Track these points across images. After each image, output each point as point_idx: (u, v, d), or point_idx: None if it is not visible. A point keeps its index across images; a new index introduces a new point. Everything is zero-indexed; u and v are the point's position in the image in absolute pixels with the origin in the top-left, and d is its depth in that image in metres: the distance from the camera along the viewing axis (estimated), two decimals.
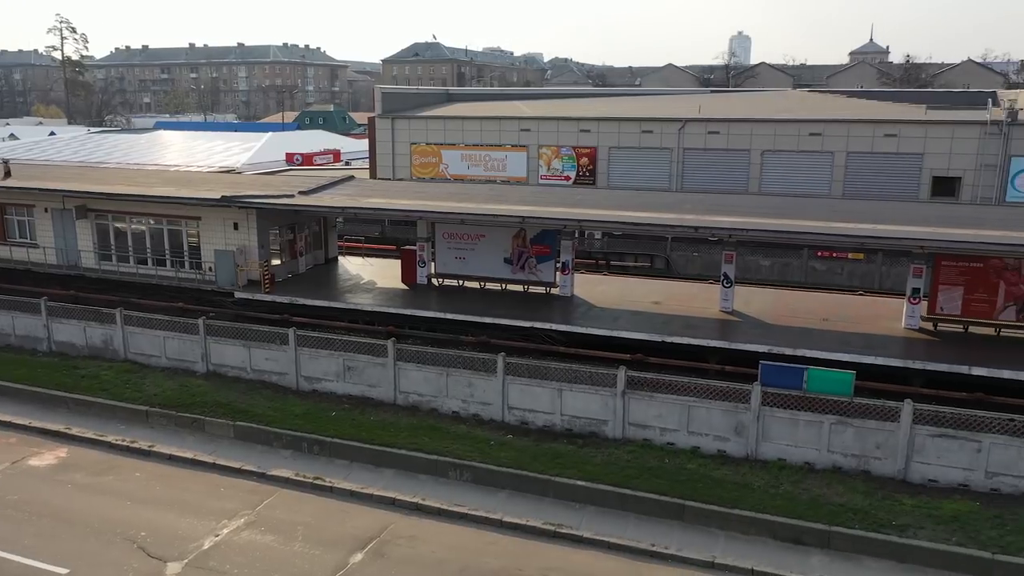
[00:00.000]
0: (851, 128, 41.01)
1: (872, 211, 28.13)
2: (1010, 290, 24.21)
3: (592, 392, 20.30)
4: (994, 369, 21.54)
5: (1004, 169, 38.46)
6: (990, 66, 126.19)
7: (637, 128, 44.60)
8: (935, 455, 17.75)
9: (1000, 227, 24.50)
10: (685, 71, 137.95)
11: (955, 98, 58.32)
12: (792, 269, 36.63)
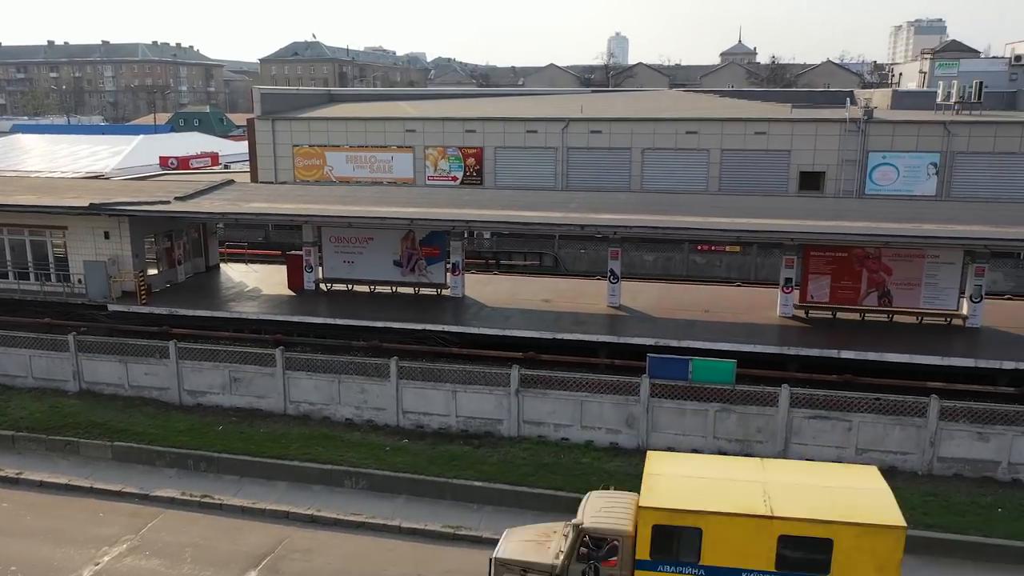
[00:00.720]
0: (724, 127, 42.79)
1: (746, 206, 29.48)
2: (872, 277, 25.91)
3: (486, 392, 20.39)
4: (860, 352, 23.02)
5: (863, 164, 41.07)
6: (847, 67, 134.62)
7: (522, 128, 45.04)
8: (811, 436, 18.81)
9: (861, 218, 26.17)
10: (567, 71, 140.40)
11: (817, 97, 61.89)
12: (675, 263, 37.93)
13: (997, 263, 32.53)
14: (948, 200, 38.69)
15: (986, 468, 18.15)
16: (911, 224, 25.06)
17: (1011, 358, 22.37)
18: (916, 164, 40.43)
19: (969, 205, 32.87)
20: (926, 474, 18.28)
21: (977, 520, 16.39)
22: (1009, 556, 15.44)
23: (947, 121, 41.26)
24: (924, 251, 25.20)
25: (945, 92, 47.01)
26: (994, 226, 24.95)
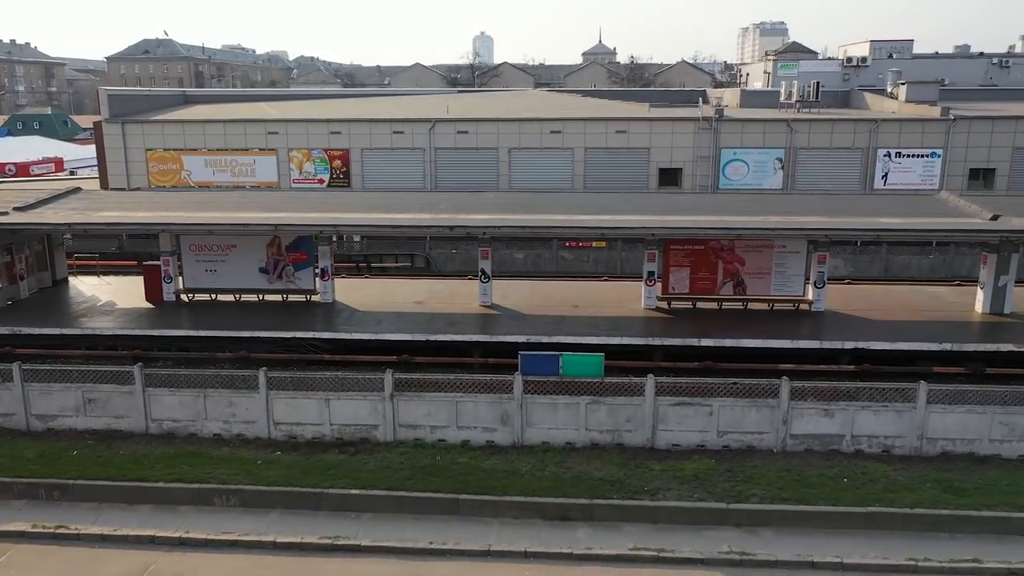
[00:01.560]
0: (587, 126, 44.07)
1: (610, 203, 30.42)
2: (727, 268, 27.40)
3: (360, 398, 20.17)
4: (718, 339, 24.31)
5: (716, 160, 43.34)
6: (700, 67, 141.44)
7: (388, 129, 44.71)
8: (676, 422, 19.71)
9: (715, 212, 27.54)
10: (433, 70, 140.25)
11: (674, 96, 64.71)
12: (544, 260, 38.69)
13: (837, 250, 35.13)
14: (792, 193, 41.51)
15: (832, 442, 19.58)
16: (760, 216, 26.63)
17: (851, 339, 24.21)
18: (764, 159, 43.07)
19: (810, 197, 35.37)
20: (780, 451, 19.53)
21: (826, 491, 17.67)
22: (855, 522, 16.73)
23: (790, 119, 44.15)
24: (772, 242, 26.87)
25: (787, 91, 50.27)
26: (833, 216, 26.89)
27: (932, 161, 42.82)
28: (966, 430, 19.29)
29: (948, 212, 27.10)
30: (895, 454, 19.39)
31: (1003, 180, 42.93)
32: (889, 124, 43.67)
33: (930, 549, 15.96)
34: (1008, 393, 19.32)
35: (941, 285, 31.44)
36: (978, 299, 26.88)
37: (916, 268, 36.75)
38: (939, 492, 17.66)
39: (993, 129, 42.93)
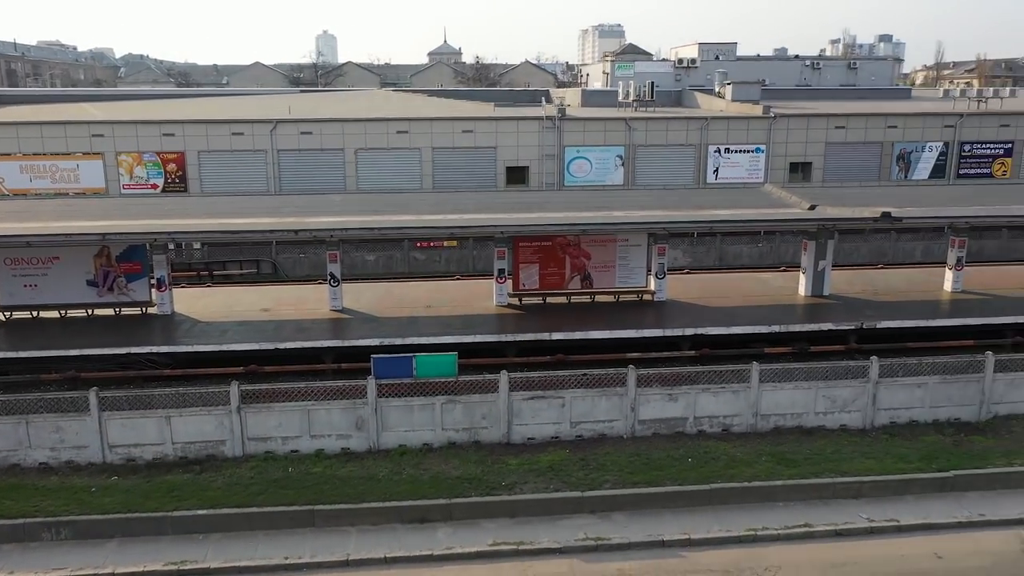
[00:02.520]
0: (434, 125, 43.98)
1: (459, 202, 30.61)
2: (574, 263, 28.17)
3: (205, 413, 19.20)
4: (568, 332, 24.97)
5: (561, 158, 44.45)
6: (543, 67, 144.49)
7: (227, 130, 42.76)
8: (530, 416, 20.07)
9: (561, 209, 28.32)
10: (274, 69, 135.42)
11: (519, 96, 65.81)
12: (396, 261, 38.31)
13: (675, 242, 36.95)
14: (633, 188, 43.28)
15: (677, 425, 20.57)
16: (603, 212, 27.57)
17: (691, 326, 25.53)
18: (605, 157, 44.60)
19: (650, 192, 37.01)
20: (630, 437, 20.30)
21: (672, 472, 18.55)
22: (699, 499, 17.62)
23: (628, 118, 45.93)
24: (616, 236, 27.86)
25: (625, 91, 52.32)
26: (670, 210, 28.30)
27: (757, 156, 45.86)
28: (795, 405, 20.81)
29: (772, 203, 29.12)
30: (734, 432, 20.63)
31: (818, 172, 46.64)
32: (718, 122, 46.35)
33: (767, 518, 17.09)
34: (829, 369, 21.02)
35: (769, 271, 33.77)
36: (801, 283, 29.05)
37: (747, 256, 39.23)
38: (773, 464, 18.95)
39: (808, 126, 46.52)
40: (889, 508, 17.49)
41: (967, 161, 47.72)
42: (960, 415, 21.33)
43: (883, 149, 47.21)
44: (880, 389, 20.87)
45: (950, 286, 29.23)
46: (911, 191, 38.33)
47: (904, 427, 21.00)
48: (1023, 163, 48.10)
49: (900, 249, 39.67)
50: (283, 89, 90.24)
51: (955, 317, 26.55)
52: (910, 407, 21.15)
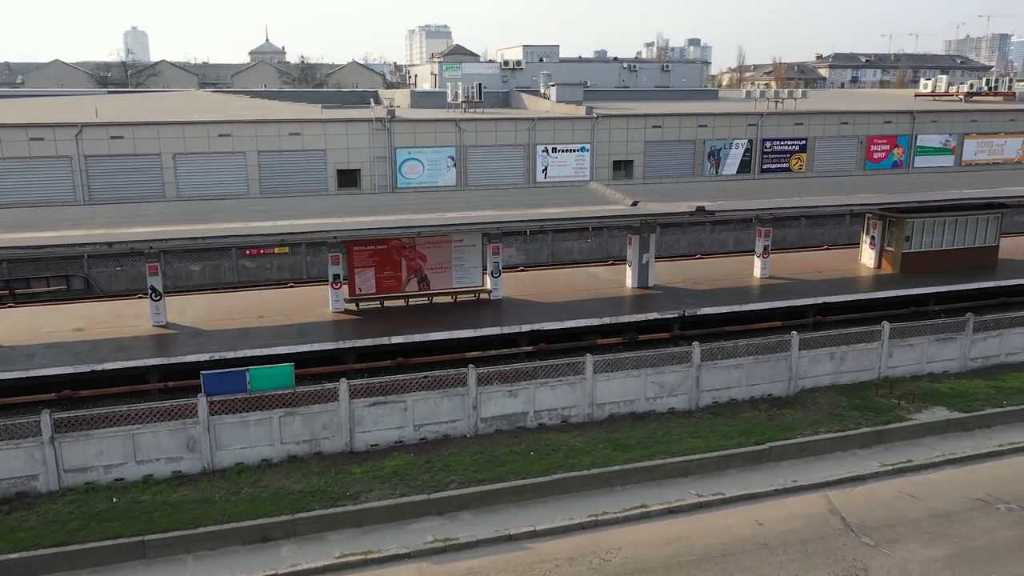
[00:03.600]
0: (258, 128, 42.41)
1: (289, 207, 29.71)
2: (411, 265, 28.12)
3: (12, 447, 17.53)
4: (408, 335, 24.90)
5: (392, 160, 44.19)
6: (372, 67, 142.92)
7: (24, 135, 39.15)
8: (373, 422, 19.85)
9: (395, 211, 28.16)
10: (77, 68, 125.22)
11: (348, 97, 64.68)
12: (224, 271, 36.64)
13: (509, 240, 37.75)
14: (466, 189, 43.76)
15: (518, 420, 21.05)
16: (437, 213, 27.71)
17: (528, 322, 26.19)
18: (437, 158, 44.80)
19: (482, 192, 37.57)
20: (473, 436, 20.56)
21: (516, 466, 18.97)
22: (543, 490, 18.14)
23: (458, 119, 46.37)
24: (451, 237, 28.07)
25: (454, 92, 52.75)
26: (503, 209, 28.86)
27: (582, 155, 47.69)
28: (627, 393, 21.86)
29: (598, 200, 30.40)
30: (572, 423, 21.39)
31: (639, 170, 49.18)
32: (545, 122, 47.77)
33: (607, 503, 17.86)
34: (656, 356, 22.24)
35: (598, 266, 35.23)
36: (627, 275, 30.53)
37: (577, 252, 40.71)
38: (610, 451, 19.83)
39: (628, 126, 48.93)
40: (715, 483, 18.77)
41: (769, 157, 51.96)
42: (772, 391, 23.24)
43: (696, 147, 50.48)
44: (703, 372, 22.35)
45: (759, 272, 31.73)
46: (722, 186, 41.26)
47: (725, 406, 22.60)
48: (815, 158, 53.03)
49: (715, 240, 42.58)
50: (88, 90, 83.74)
51: (764, 301, 28.86)
52: (729, 387, 22.79)
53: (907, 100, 67.61)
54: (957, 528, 17.04)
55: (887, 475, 19.32)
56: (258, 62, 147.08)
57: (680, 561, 15.87)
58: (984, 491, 18.56)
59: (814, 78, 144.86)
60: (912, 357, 24.78)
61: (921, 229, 32.53)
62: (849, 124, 54.01)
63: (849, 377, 24.12)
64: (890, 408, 22.48)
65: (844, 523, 17.26)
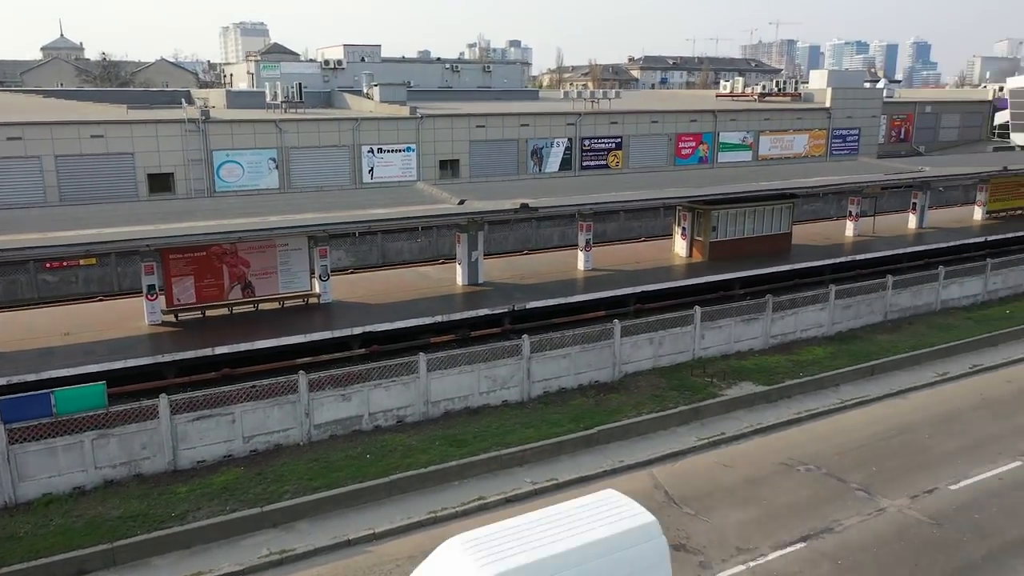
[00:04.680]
0: (55, 130, 39.13)
1: (95, 215, 27.60)
2: (233, 271, 26.99)
3: None
4: (233, 344, 23.91)
5: (209, 162, 42.15)
6: (183, 66, 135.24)
7: None
8: (198, 437, 18.92)
9: (213, 216, 26.92)
10: None
11: (157, 97, 60.96)
12: (21, 286, 33.53)
13: (337, 243, 37.10)
14: (289, 191, 42.53)
15: (353, 423, 20.80)
16: (260, 217, 26.77)
17: (359, 324, 25.89)
18: (258, 160, 43.24)
19: (307, 194, 36.67)
20: (307, 443, 20.09)
21: (352, 471, 18.75)
22: (380, 492, 18.04)
23: (278, 119, 44.98)
24: (275, 241, 27.22)
25: (273, 92, 51.04)
26: (329, 211, 28.32)
27: (408, 155, 47.67)
28: (461, 389, 22.17)
29: (426, 200, 30.53)
30: (408, 422, 21.41)
31: (465, 169, 49.85)
32: (369, 123, 47.32)
33: (445, 499, 18.04)
34: (488, 350, 22.70)
35: (429, 265, 35.40)
36: (458, 273, 30.90)
37: (408, 252, 40.66)
38: (446, 447, 20.04)
39: (453, 125, 49.45)
40: (549, 469, 19.45)
41: (588, 154, 54.26)
42: (598, 377, 24.36)
43: (519, 146, 51.85)
44: (533, 363, 23.06)
45: (583, 265, 33.11)
46: (545, 183, 42.68)
47: (555, 395, 23.44)
48: (630, 155, 55.96)
49: (541, 236, 43.93)
50: None
51: (589, 292, 30.16)
52: (559, 376, 23.66)
53: (710, 100, 72.78)
54: (765, 491, 18.65)
55: (704, 448, 20.81)
56: (52, 59, 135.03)
57: None
58: (786, 455, 20.44)
59: (627, 79, 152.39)
60: (722, 338, 26.80)
61: (725, 219, 35.19)
62: (659, 123, 57.41)
63: (667, 360, 25.72)
64: (704, 386, 24.21)
65: (667, 496, 18.43)
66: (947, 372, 26.19)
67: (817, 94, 68.12)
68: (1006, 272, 34.75)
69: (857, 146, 66.48)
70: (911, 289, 31.67)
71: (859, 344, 28.31)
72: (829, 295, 29.08)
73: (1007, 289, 34.82)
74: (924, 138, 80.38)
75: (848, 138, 66.45)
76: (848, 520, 17.28)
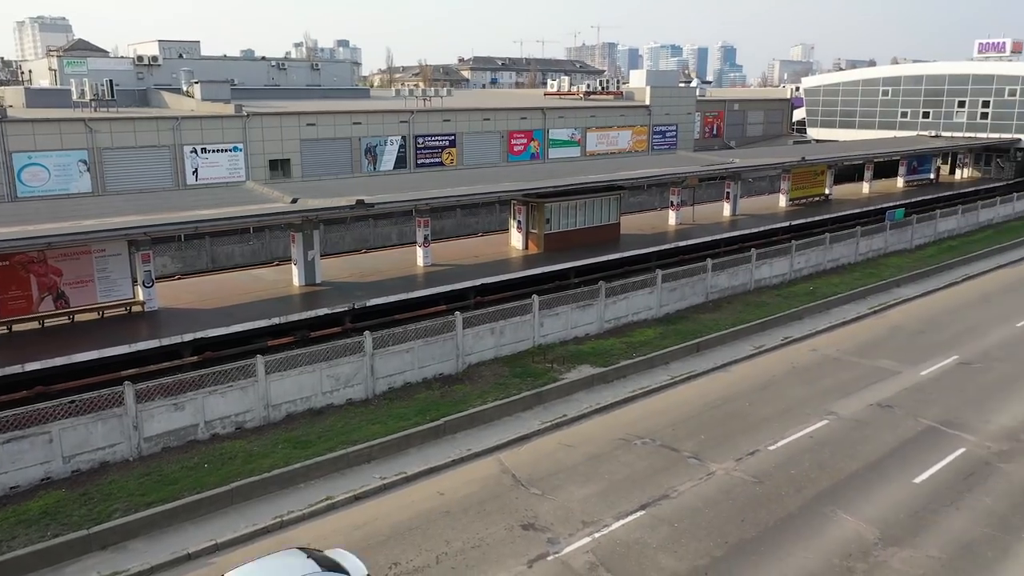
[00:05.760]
0: None
1: None
2: (43, 281, 24.86)
3: None
4: (46, 360, 22.02)
5: (9, 166, 38.51)
6: None
7: None
8: (10, 462, 17.34)
9: (13, 222, 24.62)
10: None
11: None
12: None
13: (162, 248, 35.02)
14: (105, 195, 39.63)
15: (188, 434, 19.77)
16: (71, 222, 24.82)
17: (190, 331, 24.59)
18: (66, 162, 40.01)
19: (125, 197, 34.35)
20: (137, 458, 18.90)
21: (189, 482, 17.84)
22: (222, 502, 17.27)
23: (87, 119, 41.79)
24: (90, 247, 25.34)
25: (79, 90, 47.34)
26: (149, 214, 26.67)
27: (235, 155, 45.73)
28: (303, 389, 21.62)
29: (256, 199, 29.45)
30: (248, 428, 20.63)
31: (298, 168, 48.48)
32: (191, 121, 44.94)
33: (291, 502, 17.56)
34: (330, 349, 22.27)
35: (263, 267, 34.18)
36: (294, 274, 30.04)
37: (240, 255, 39.05)
38: (290, 450, 19.50)
39: (282, 124, 47.93)
40: (397, 463, 19.38)
41: (422, 152, 54.29)
42: (443, 370, 24.51)
43: (352, 144, 51.07)
44: (376, 360, 22.86)
45: (422, 261, 33.13)
46: (380, 180, 42.27)
47: (401, 390, 23.37)
48: (464, 152, 56.55)
49: (379, 234, 43.52)
50: None
51: (429, 287, 30.23)
52: (403, 371, 23.60)
53: (539, 99, 74.77)
54: (606, 466, 19.52)
55: (547, 431, 21.48)
56: None
57: (370, 544, 16.17)
58: (624, 431, 21.49)
59: (458, 79, 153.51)
60: (560, 324, 27.72)
61: (558, 212, 36.37)
62: (491, 120, 58.37)
63: (509, 349, 26.29)
64: (545, 372, 24.96)
65: (515, 479, 18.88)
66: (763, 345, 28.45)
67: (637, 93, 71.68)
68: (808, 252, 38.19)
69: (675, 141, 70.61)
70: (728, 271, 34.12)
71: (685, 324, 30.17)
72: (656, 280, 30.77)
73: (810, 268, 38.27)
74: (734, 133, 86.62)
75: (667, 134, 70.44)
76: (682, 486, 18.43)
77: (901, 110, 72.46)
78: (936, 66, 71.91)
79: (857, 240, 40.98)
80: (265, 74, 73.31)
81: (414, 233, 35.16)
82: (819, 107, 78.03)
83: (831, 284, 36.29)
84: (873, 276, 37.74)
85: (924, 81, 71.02)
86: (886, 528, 16.77)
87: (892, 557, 15.78)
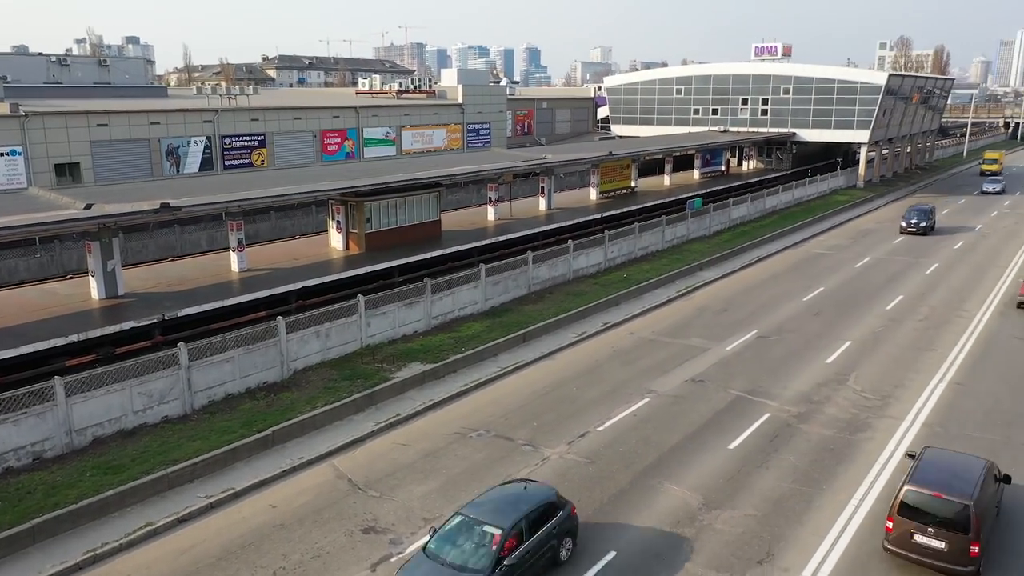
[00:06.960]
0: None
1: None
2: None
3: None
4: None
5: None
6: None
7: None
8: None
9: None
10: None
11: None
12: None
13: None
14: None
15: None
16: None
17: None
18: None
19: None
20: None
21: None
22: (23, 541, 15.52)
23: None
24: None
25: None
26: None
27: (14, 159, 41.24)
28: (111, 410, 19.87)
29: (42, 207, 26.70)
30: (48, 457, 18.69)
31: (89, 172, 44.49)
32: None
33: (105, 533, 16.10)
34: (139, 364, 20.61)
35: (56, 281, 31.06)
36: (92, 287, 27.53)
37: (26, 270, 35.33)
38: (100, 477, 17.88)
39: (68, 124, 43.79)
40: (224, 480, 18.29)
41: (230, 153, 51.62)
42: (267, 378, 23.44)
43: (151, 145, 47.64)
44: (193, 372, 21.45)
45: (236, 267, 31.47)
46: (186, 183, 39.69)
47: (222, 402, 22.08)
48: (276, 152, 54.40)
49: (187, 240, 40.90)
50: None
51: (247, 293, 28.74)
52: (223, 382, 22.31)
53: (351, 97, 73.32)
54: (444, 462, 19.48)
55: (381, 431, 21.12)
56: None
57: (199, 567, 15.17)
58: (459, 425, 21.55)
59: (263, 79, 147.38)
60: (387, 324, 27.34)
61: (379, 211, 35.83)
62: (303, 119, 56.55)
63: (336, 351, 25.59)
64: (375, 372, 24.53)
65: (351, 483, 18.40)
66: (584, 331, 29.57)
67: (450, 92, 72.15)
68: (620, 242, 40.14)
69: (489, 139, 71.80)
70: (548, 263, 35.16)
71: (511, 316, 30.75)
72: (480, 274, 31.12)
73: (623, 256, 40.25)
74: (544, 131, 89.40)
75: (481, 131, 71.47)
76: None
77: (693, 107, 77.90)
78: (721, 67, 77.89)
79: (663, 229, 43.62)
80: (45, 71, 66.74)
81: (226, 238, 33.34)
82: (621, 105, 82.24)
83: (642, 271, 38.38)
84: (679, 261, 40.32)
85: (712, 80, 76.76)
86: (707, 493, 17.95)
87: (716, 519, 16.92)
